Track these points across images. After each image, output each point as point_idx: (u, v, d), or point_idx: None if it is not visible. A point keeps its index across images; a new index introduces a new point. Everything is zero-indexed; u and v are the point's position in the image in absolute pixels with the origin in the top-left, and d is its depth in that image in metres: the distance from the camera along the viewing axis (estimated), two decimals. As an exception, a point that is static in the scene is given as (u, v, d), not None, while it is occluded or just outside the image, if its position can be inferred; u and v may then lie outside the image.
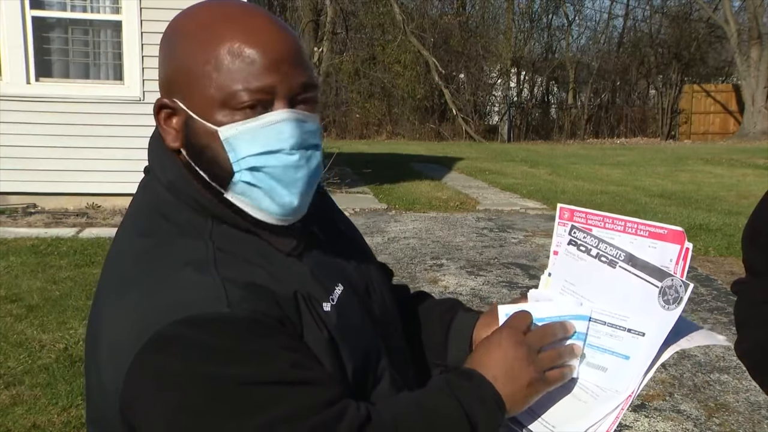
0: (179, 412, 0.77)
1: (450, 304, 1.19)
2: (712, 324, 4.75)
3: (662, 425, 3.31)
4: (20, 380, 3.56)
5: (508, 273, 6.02)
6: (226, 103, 0.87)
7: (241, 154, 0.88)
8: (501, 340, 0.95)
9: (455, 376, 0.94)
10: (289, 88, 0.88)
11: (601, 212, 1.02)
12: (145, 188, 0.96)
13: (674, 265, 0.94)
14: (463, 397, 0.89)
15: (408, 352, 1.08)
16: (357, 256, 1.06)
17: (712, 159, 17.11)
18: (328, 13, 25.08)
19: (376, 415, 0.85)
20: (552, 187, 11.81)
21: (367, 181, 11.53)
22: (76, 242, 6.52)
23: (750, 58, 24.76)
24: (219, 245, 0.87)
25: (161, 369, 0.78)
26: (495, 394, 0.91)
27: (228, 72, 0.87)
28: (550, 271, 1.04)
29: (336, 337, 0.89)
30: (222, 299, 0.80)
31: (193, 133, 0.90)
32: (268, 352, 0.80)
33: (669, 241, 0.95)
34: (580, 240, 1.01)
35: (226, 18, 0.89)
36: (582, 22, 38.28)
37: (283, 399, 0.78)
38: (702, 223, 8.32)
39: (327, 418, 0.79)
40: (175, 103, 0.90)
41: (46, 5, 7.97)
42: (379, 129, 26.60)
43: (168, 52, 0.92)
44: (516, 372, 0.92)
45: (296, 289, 0.87)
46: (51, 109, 7.85)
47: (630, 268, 0.96)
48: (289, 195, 0.89)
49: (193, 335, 0.78)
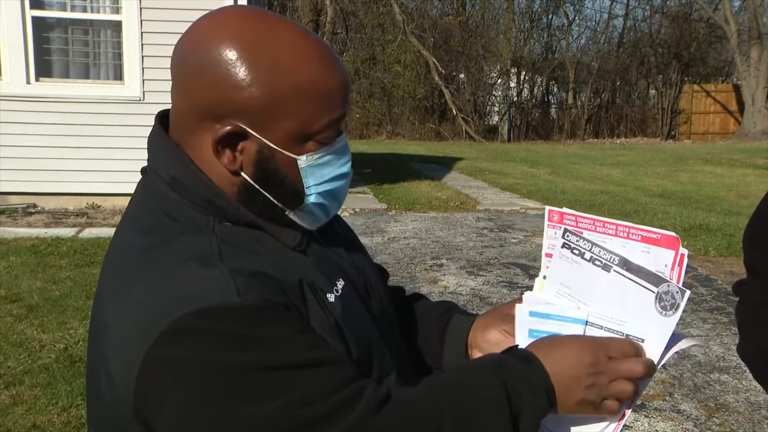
0: (197, 402, 0.78)
1: (446, 306, 1.19)
2: (712, 324, 4.75)
3: (662, 425, 3.31)
4: (20, 380, 3.56)
5: (508, 273, 6.02)
6: (308, 133, 0.89)
7: (317, 180, 0.92)
8: (584, 345, 0.92)
9: (511, 355, 0.91)
10: (347, 114, 0.94)
11: (591, 215, 1.01)
12: (144, 187, 0.96)
13: (670, 271, 0.93)
14: (511, 380, 0.86)
15: (406, 352, 1.08)
16: (355, 255, 1.07)
17: (712, 159, 17.11)
18: (328, 13, 25.10)
19: (399, 393, 0.84)
20: (552, 187, 11.82)
21: (367, 181, 11.53)
22: (76, 242, 6.52)
23: (750, 58, 24.76)
24: (222, 239, 0.88)
25: (176, 360, 0.78)
26: (549, 384, 0.87)
27: (311, 105, 0.88)
28: (545, 274, 1.03)
29: (342, 326, 0.89)
30: (231, 289, 0.80)
31: (267, 160, 0.90)
32: (281, 336, 0.80)
33: (663, 247, 0.93)
34: (574, 243, 0.99)
35: (300, 49, 0.88)
36: (582, 22, 38.40)
37: (300, 381, 0.78)
38: (702, 223, 8.31)
39: (345, 396, 0.79)
40: (244, 129, 0.88)
41: (46, 5, 7.97)
42: (379, 129, 26.60)
43: (232, 78, 0.86)
44: (575, 384, 0.89)
45: (301, 277, 0.88)
46: (51, 109, 7.85)
47: (625, 272, 0.94)
48: (339, 207, 0.98)
49: (206, 325, 0.78)
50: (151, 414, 0.81)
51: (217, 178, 0.91)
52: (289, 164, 0.90)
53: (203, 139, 0.89)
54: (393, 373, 0.96)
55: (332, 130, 0.91)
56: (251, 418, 0.77)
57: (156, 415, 0.80)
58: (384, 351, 0.97)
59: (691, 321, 4.81)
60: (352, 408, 0.79)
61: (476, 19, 29.30)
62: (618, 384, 0.90)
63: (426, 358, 1.15)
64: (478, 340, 1.10)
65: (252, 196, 0.91)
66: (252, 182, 0.91)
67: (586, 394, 0.89)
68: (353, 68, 25.98)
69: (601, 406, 0.91)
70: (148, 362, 0.79)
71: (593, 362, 0.90)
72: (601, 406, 0.91)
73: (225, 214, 0.90)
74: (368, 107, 26.30)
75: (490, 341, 1.06)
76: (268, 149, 0.89)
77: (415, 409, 0.83)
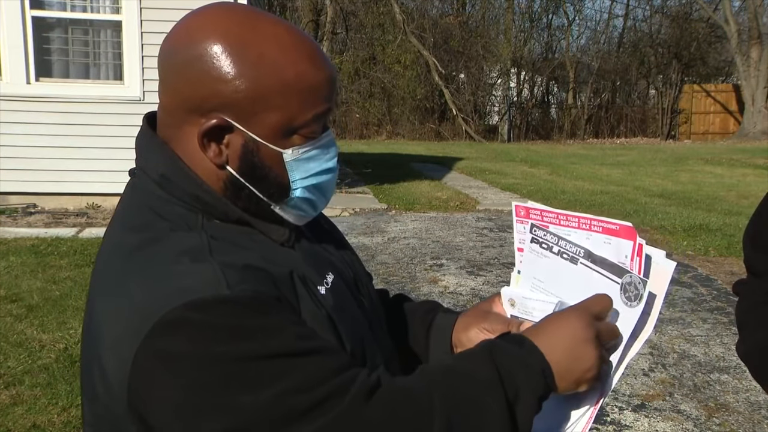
0: (191, 393, 0.78)
1: (430, 305, 1.20)
2: (712, 324, 4.75)
3: (662, 425, 3.31)
4: (20, 380, 3.56)
5: (508, 273, 6.00)
6: (294, 127, 0.90)
7: (303, 174, 0.93)
8: (571, 316, 0.92)
9: (504, 340, 0.92)
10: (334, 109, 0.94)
11: (555, 209, 1.02)
12: (133, 187, 0.96)
13: (629, 261, 0.94)
14: (503, 362, 0.86)
15: (394, 348, 1.09)
16: (343, 252, 1.08)
17: (712, 159, 17.11)
18: (328, 13, 25.11)
19: (390, 381, 0.84)
20: (552, 187, 11.82)
21: (367, 181, 11.53)
22: (76, 242, 6.52)
23: (750, 58, 24.76)
24: (212, 234, 0.88)
25: (168, 352, 0.78)
26: (543, 362, 0.88)
27: (297, 99, 0.88)
28: (519, 269, 1.05)
29: (334, 318, 0.90)
30: (221, 282, 0.81)
31: (253, 153, 0.90)
32: (273, 326, 0.80)
33: (622, 237, 0.94)
34: (541, 237, 1.01)
35: (285, 44, 0.89)
36: (582, 22, 38.49)
37: (293, 370, 0.79)
38: (702, 223, 8.31)
39: (338, 384, 0.80)
40: (230, 123, 0.88)
41: (46, 5, 7.97)
42: (379, 129, 26.60)
43: (217, 72, 0.87)
44: (580, 352, 0.89)
45: (292, 269, 0.89)
46: (51, 109, 7.85)
47: (590, 264, 0.96)
48: (326, 202, 0.99)
49: (198, 317, 0.78)
50: (145, 408, 0.81)
51: (203, 174, 0.91)
52: (275, 158, 0.90)
53: (190, 134, 0.90)
54: (382, 367, 0.96)
55: (318, 125, 0.92)
56: (245, 407, 0.77)
57: (150, 408, 0.80)
58: (374, 345, 0.98)
59: (691, 321, 4.81)
60: (344, 395, 0.79)
61: (476, 19, 29.31)
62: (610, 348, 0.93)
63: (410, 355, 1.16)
64: (462, 338, 1.11)
65: (238, 191, 0.92)
66: (238, 176, 0.91)
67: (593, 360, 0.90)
68: (353, 68, 25.99)
69: (603, 372, 0.92)
70: (141, 356, 0.79)
71: (586, 325, 0.90)
72: (603, 372, 0.92)
73: (213, 210, 0.91)
74: (368, 107, 26.30)
75: (472, 340, 1.07)
76: (253, 143, 0.89)
77: (407, 395, 0.83)
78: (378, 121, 26.65)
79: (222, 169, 0.91)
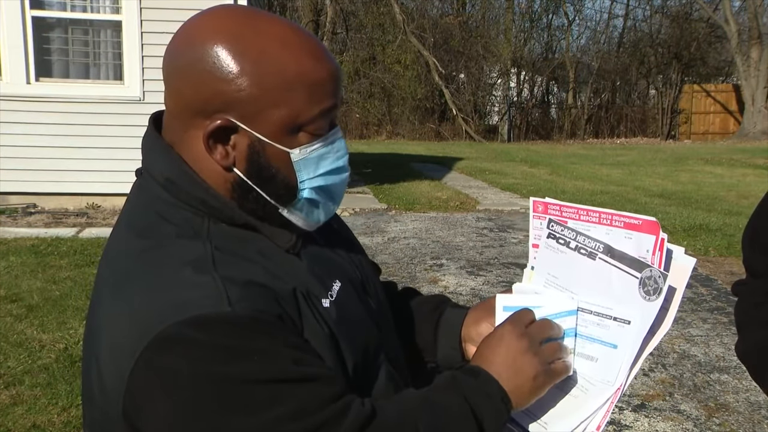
0: (184, 411, 0.78)
1: (438, 300, 1.20)
2: (712, 324, 4.75)
3: (662, 425, 3.31)
4: (20, 380, 3.56)
5: (508, 273, 6.02)
6: (299, 124, 0.89)
7: (311, 174, 0.92)
8: (503, 334, 0.96)
9: (461, 372, 0.95)
10: (339, 105, 0.93)
11: (575, 204, 1.02)
12: (140, 188, 0.96)
13: (651, 256, 0.94)
14: (470, 394, 0.90)
15: (401, 348, 1.09)
16: (351, 252, 1.07)
17: (712, 159, 17.11)
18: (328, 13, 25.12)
19: (381, 410, 0.85)
20: (552, 187, 11.81)
21: (367, 181, 11.53)
22: (76, 242, 6.52)
23: (750, 58, 24.75)
24: (217, 244, 0.87)
25: (166, 369, 0.78)
26: (500, 389, 0.92)
27: (301, 95, 0.88)
28: (533, 264, 1.05)
29: (336, 333, 0.89)
30: (223, 298, 0.80)
31: (259, 154, 0.89)
32: (271, 349, 0.80)
33: (644, 232, 0.95)
34: (558, 233, 1.01)
35: (286, 41, 0.88)
36: (582, 22, 38.43)
37: (288, 396, 0.79)
38: (702, 223, 8.31)
39: (332, 413, 0.80)
40: (234, 123, 0.88)
41: (46, 5, 7.97)
42: (379, 129, 26.59)
43: (219, 71, 0.86)
44: (520, 365, 0.93)
45: (295, 285, 0.88)
46: (51, 109, 7.85)
47: (609, 259, 0.96)
48: (336, 206, 0.97)
49: (197, 335, 0.78)
50: (138, 420, 0.81)
51: (210, 177, 0.90)
52: (282, 158, 0.90)
53: (195, 137, 0.89)
54: (384, 372, 0.97)
55: (324, 121, 0.91)
56: (237, 430, 0.78)
57: (143, 422, 0.81)
58: (380, 350, 0.98)
59: (691, 321, 4.81)
60: (338, 424, 0.80)
61: (476, 19, 29.31)
62: (549, 346, 0.96)
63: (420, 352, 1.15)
64: (472, 333, 1.11)
65: (245, 193, 0.91)
66: (245, 178, 0.90)
67: (534, 366, 0.93)
68: (353, 68, 25.98)
69: (551, 371, 0.95)
70: (138, 369, 0.79)
71: (518, 337, 0.95)
72: (551, 370, 0.95)
73: (220, 214, 0.90)
74: (368, 107, 26.29)
75: (482, 334, 1.07)
76: (259, 143, 0.89)
77: (397, 428, 0.86)
78: (378, 121, 26.65)
79: (229, 172, 0.90)
